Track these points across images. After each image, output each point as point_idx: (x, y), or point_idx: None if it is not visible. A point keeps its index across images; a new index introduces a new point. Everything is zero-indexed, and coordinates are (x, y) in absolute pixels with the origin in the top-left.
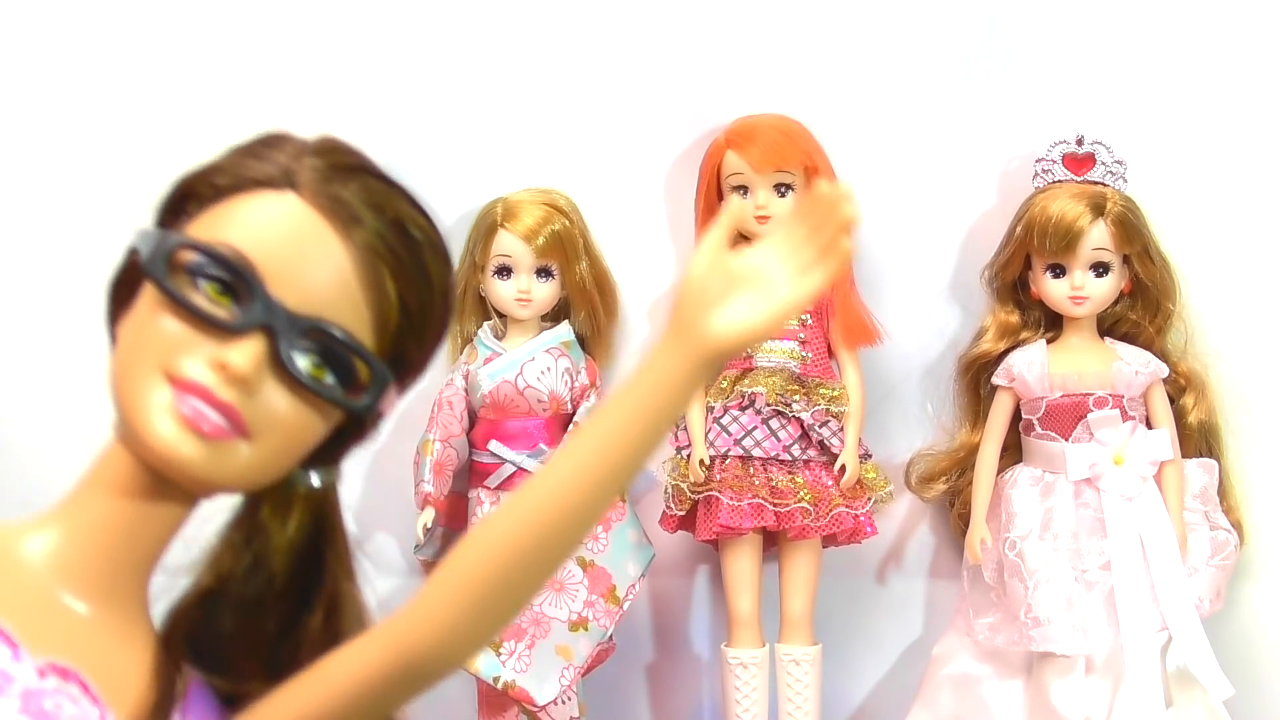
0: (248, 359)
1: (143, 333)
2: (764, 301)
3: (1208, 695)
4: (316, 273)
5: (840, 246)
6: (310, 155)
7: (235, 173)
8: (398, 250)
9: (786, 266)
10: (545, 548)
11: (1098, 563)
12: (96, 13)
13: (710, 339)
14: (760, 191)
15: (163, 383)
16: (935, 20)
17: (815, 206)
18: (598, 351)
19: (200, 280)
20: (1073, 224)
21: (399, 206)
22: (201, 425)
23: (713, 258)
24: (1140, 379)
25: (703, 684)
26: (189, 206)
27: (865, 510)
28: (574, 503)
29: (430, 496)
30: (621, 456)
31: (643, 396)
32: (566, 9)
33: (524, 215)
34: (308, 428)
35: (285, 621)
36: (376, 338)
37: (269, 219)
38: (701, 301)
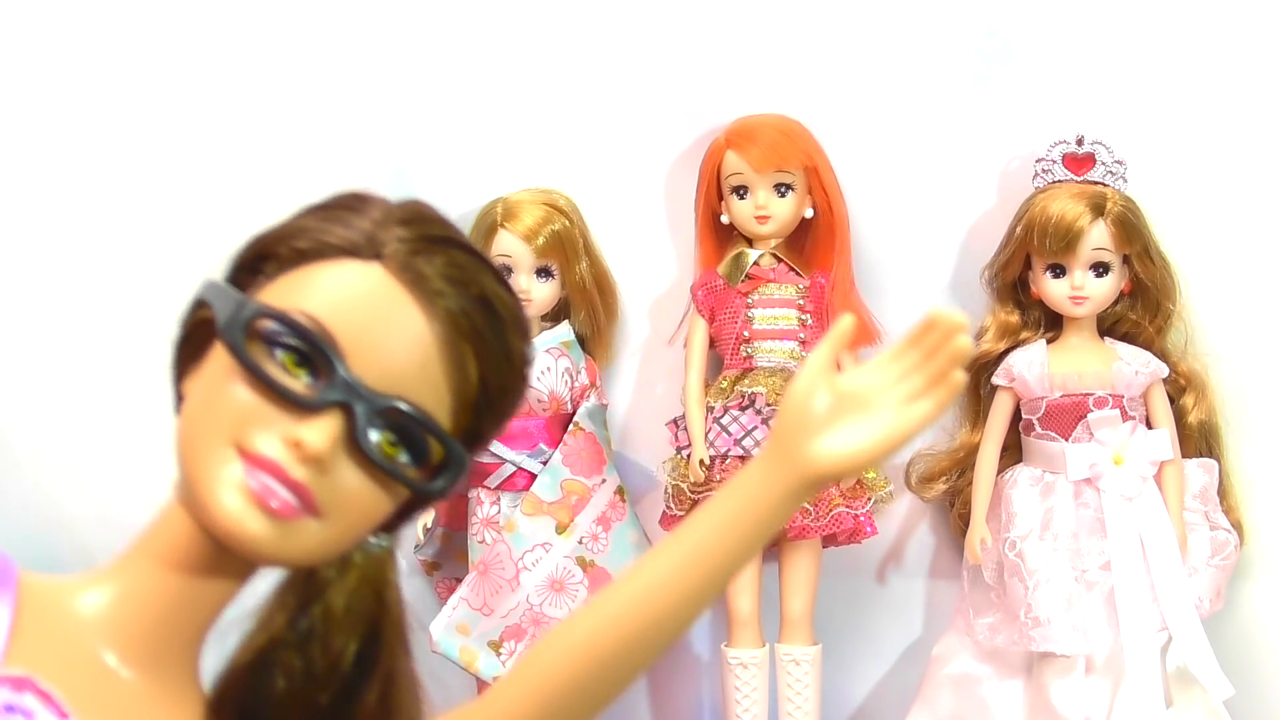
0: (324, 438)
1: (214, 400)
2: (869, 430)
3: (1208, 695)
4: (398, 349)
5: (952, 379)
6: (397, 224)
7: (318, 238)
8: (481, 329)
9: (893, 393)
10: (624, 656)
11: (1098, 563)
12: (96, 12)
13: (811, 465)
14: (760, 191)
15: (233, 456)
16: (935, 20)
17: (929, 333)
18: (598, 351)
19: (277, 350)
20: (1073, 224)
21: (484, 282)
22: (271, 502)
23: (818, 376)
24: (1140, 379)
25: (703, 684)
26: (266, 267)
27: (865, 510)
28: (657, 613)
29: None
30: (709, 570)
31: (736, 513)
32: (566, 9)
33: (524, 215)
34: (378, 506)
35: (339, 696)
36: (454, 417)
37: (352, 290)
38: (805, 424)
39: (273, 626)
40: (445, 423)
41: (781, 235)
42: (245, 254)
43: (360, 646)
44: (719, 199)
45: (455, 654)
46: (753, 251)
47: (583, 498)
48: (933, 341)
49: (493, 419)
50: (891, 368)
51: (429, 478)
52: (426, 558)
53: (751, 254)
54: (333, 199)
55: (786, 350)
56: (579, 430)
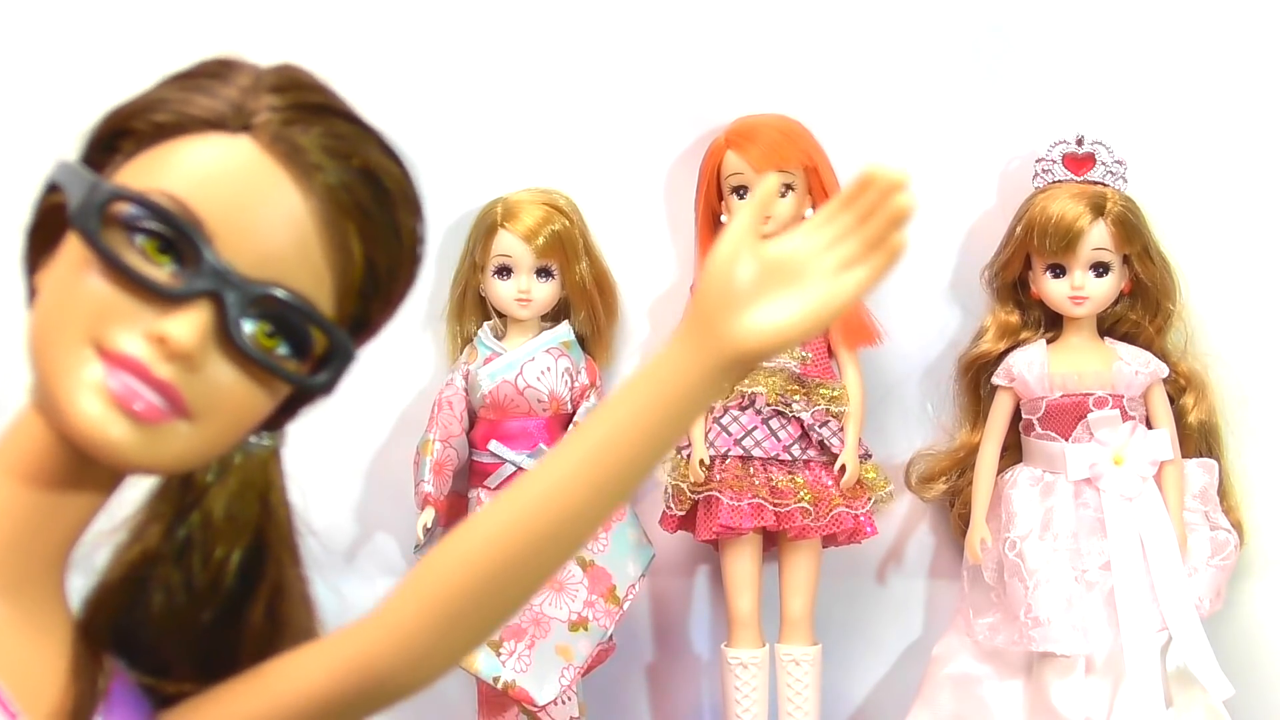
0: (191, 332)
1: (68, 293)
2: (798, 302)
3: (1208, 695)
4: (271, 230)
5: (891, 241)
6: (268, 92)
7: (179, 109)
8: (365, 204)
9: (826, 259)
10: (532, 556)
11: (1098, 563)
12: (96, 12)
13: (734, 341)
14: None
15: (91, 355)
16: (935, 20)
17: (865, 191)
18: (598, 351)
19: (136, 235)
20: (1073, 224)
21: (368, 153)
22: (134, 405)
23: (743, 242)
24: (1140, 379)
25: (703, 684)
26: (124, 145)
27: (865, 510)
28: (566, 508)
29: (430, 496)
30: (622, 460)
31: (650, 395)
32: (566, 9)
33: (524, 215)
34: (255, 404)
35: (222, 611)
36: (337, 302)
37: (218, 167)
38: (728, 296)
39: (146, 539)
40: (328, 309)
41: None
42: (100, 130)
43: (244, 556)
44: (719, 199)
45: None
46: None
47: None
48: (869, 201)
49: (382, 304)
50: (823, 232)
51: (312, 370)
52: None
53: None
54: (196, 66)
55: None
56: None
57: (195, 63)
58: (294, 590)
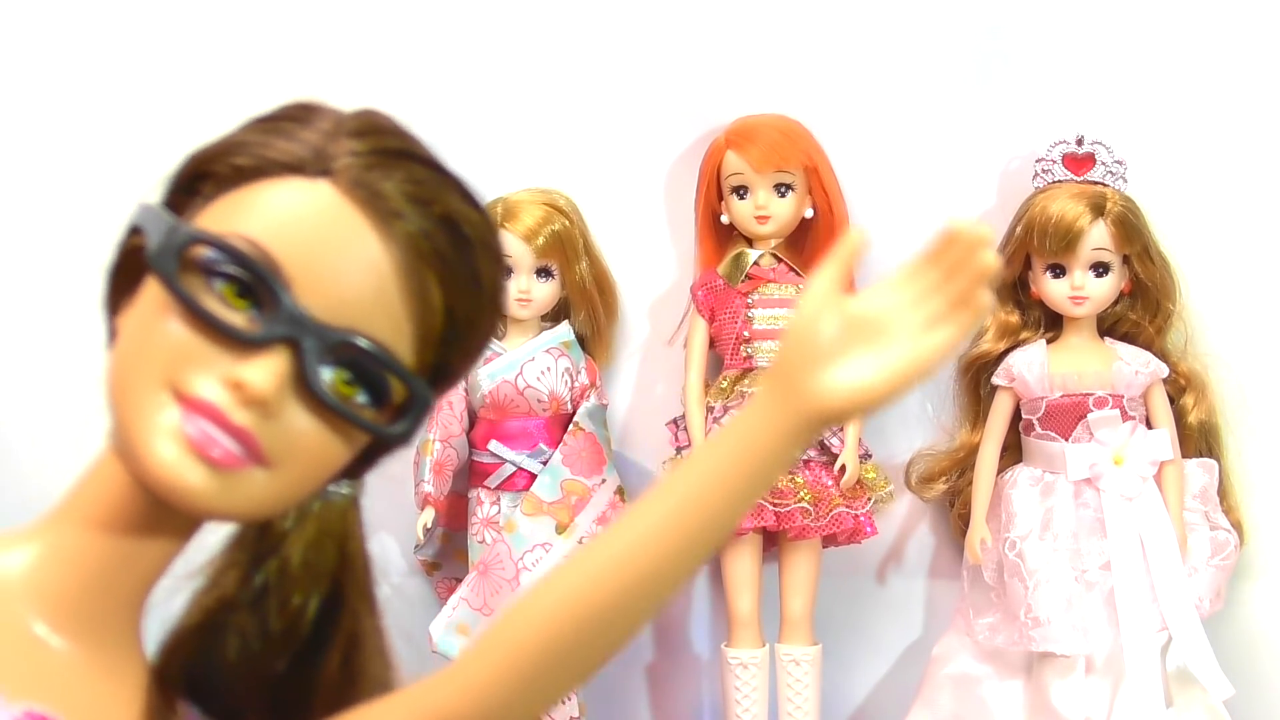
0: (269, 378)
1: (147, 337)
2: (884, 360)
3: (1208, 695)
4: (350, 277)
5: (977, 300)
6: (348, 136)
7: (259, 153)
8: (445, 252)
9: (911, 317)
10: (611, 615)
11: (1098, 563)
12: (98, 12)
13: (818, 400)
14: (760, 191)
15: (169, 400)
16: (935, 20)
17: (949, 249)
18: (598, 351)
19: (215, 280)
20: (1073, 224)
21: (449, 200)
22: (211, 451)
23: (826, 299)
24: (1140, 379)
25: (703, 684)
26: (204, 188)
27: (865, 510)
28: (647, 566)
29: (430, 496)
30: (704, 520)
31: (734, 454)
32: (566, 9)
33: (524, 215)
34: (333, 453)
35: (297, 660)
36: (417, 350)
37: (298, 212)
38: (812, 353)
39: (223, 585)
40: (407, 358)
41: (781, 235)
42: (181, 173)
43: (321, 604)
44: (719, 199)
45: (455, 654)
46: (753, 251)
47: (583, 498)
48: (954, 258)
49: (461, 353)
50: (907, 288)
51: (390, 420)
52: (426, 558)
53: (751, 254)
54: (278, 109)
55: None
56: (579, 430)
57: (277, 106)
58: (370, 641)
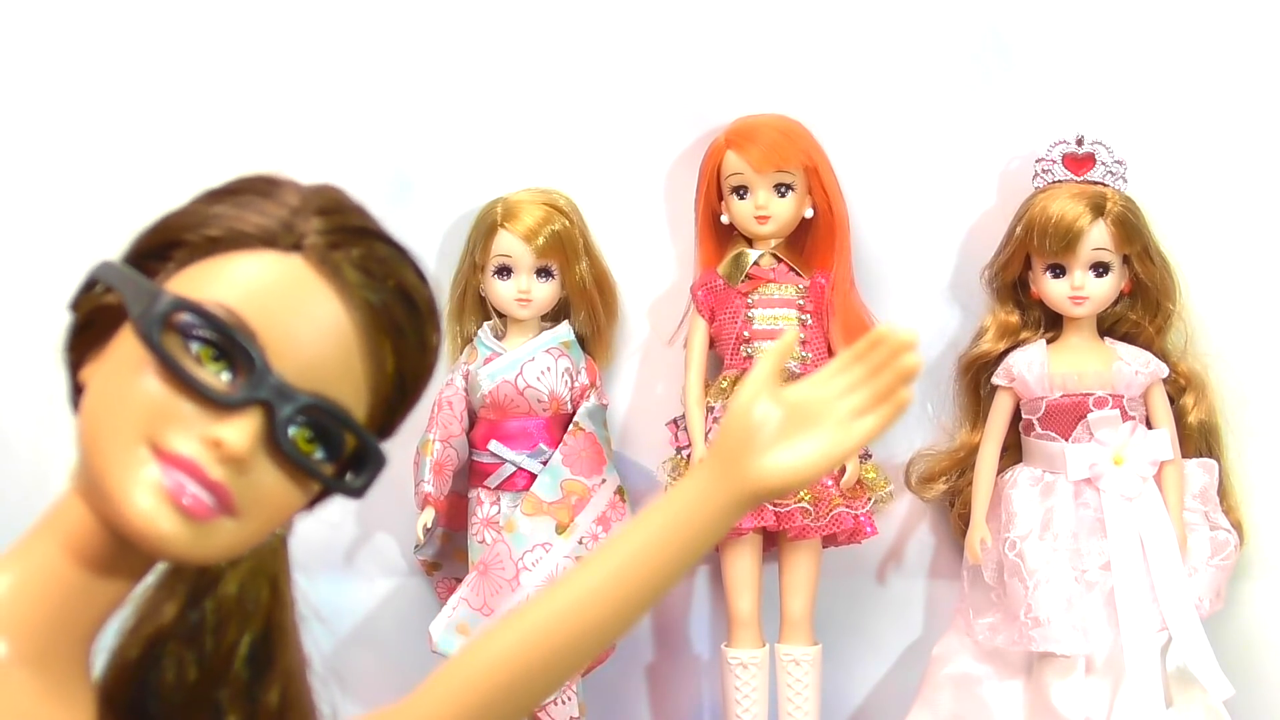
0: (245, 438)
1: (125, 393)
2: (813, 446)
3: (1208, 695)
4: (319, 345)
5: (899, 395)
6: (315, 214)
7: (233, 226)
8: (400, 322)
9: (839, 407)
10: (550, 669)
11: (1098, 563)
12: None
13: (755, 480)
14: (760, 191)
15: (148, 455)
16: (935, 20)
17: (875, 349)
18: (598, 351)
19: (193, 342)
20: (1073, 224)
21: (403, 274)
22: (186, 502)
23: (763, 387)
24: (1140, 379)
25: (703, 684)
26: (176, 254)
27: (865, 510)
28: (586, 626)
29: (430, 496)
30: (641, 584)
31: (672, 525)
32: (566, 9)
33: (524, 215)
34: (293, 503)
35: (236, 692)
36: (369, 411)
37: (272, 283)
38: (750, 437)
39: (161, 617)
40: (361, 417)
41: (781, 235)
42: (150, 238)
43: (254, 639)
44: (719, 199)
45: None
46: (753, 251)
47: (583, 498)
48: (879, 357)
49: (404, 409)
50: (836, 381)
51: (339, 470)
52: (426, 558)
53: (751, 254)
54: (241, 182)
55: None
56: (579, 430)
57: (240, 178)
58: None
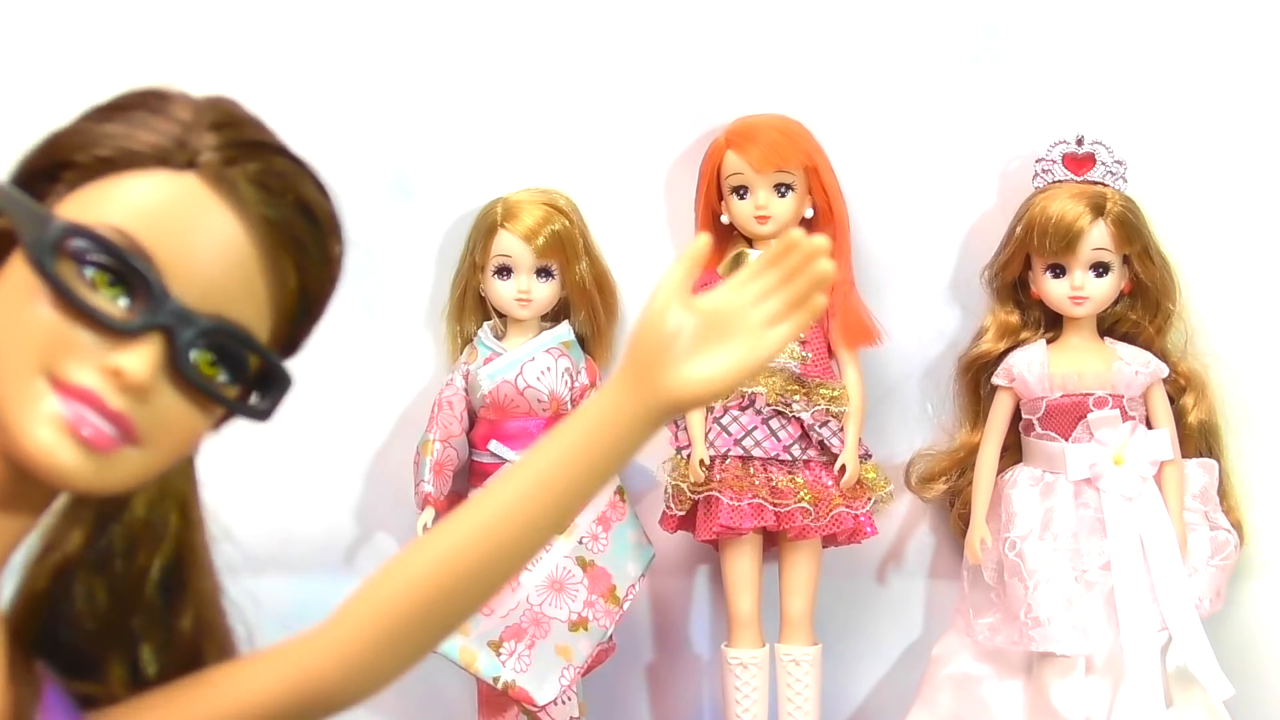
0: (145, 365)
1: (18, 321)
2: (728, 355)
3: (1208, 695)
4: (217, 265)
5: (813, 302)
6: (208, 130)
7: (123, 145)
8: (302, 238)
9: (753, 315)
10: (468, 584)
11: (1098, 563)
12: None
13: (668, 390)
14: (760, 191)
15: (46, 387)
16: (935, 20)
17: (789, 255)
18: (598, 351)
19: (87, 268)
20: (1073, 224)
21: (303, 188)
22: (86, 433)
23: (675, 296)
24: (1140, 379)
25: (703, 684)
26: (66, 175)
27: (865, 510)
28: (502, 540)
29: (430, 496)
30: (554, 498)
31: (583, 438)
32: (566, 9)
33: (524, 215)
34: (198, 429)
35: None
36: (272, 330)
37: (167, 204)
38: (663, 347)
39: (68, 545)
40: (265, 337)
41: (781, 235)
42: (38, 159)
43: (165, 563)
44: (719, 199)
45: (455, 654)
46: (753, 251)
47: None
48: (793, 263)
49: (308, 325)
50: (749, 288)
51: (244, 390)
52: None
53: (751, 254)
54: (130, 96)
55: (786, 350)
56: None
57: (126, 93)
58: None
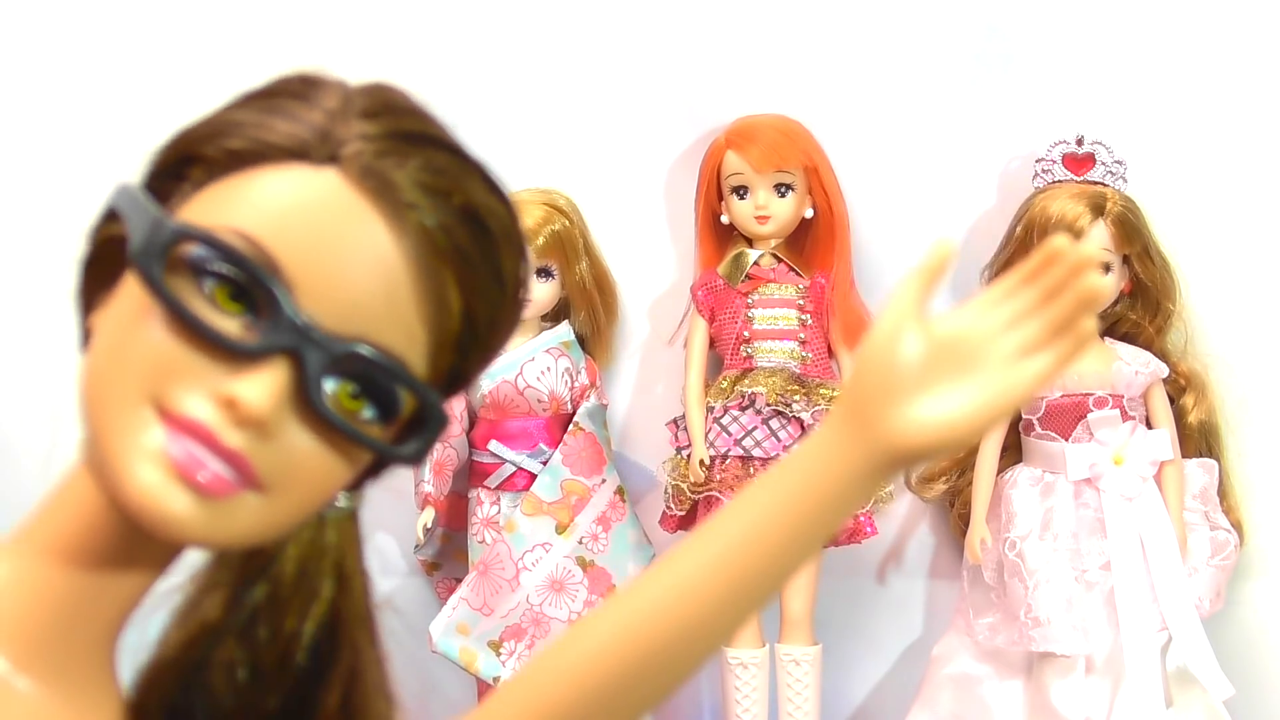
0: (266, 395)
1: (127, 344)
2: (972, 393)
3: (1208, 695)
4: (359, 278)
5: (1080, 327)
6: (358, 118)
7: (257, 135)
8: (465, 248)
9: (1004, 343)
10: (653, 668)
11: (1098, 563)
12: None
13: (898, 436)
14: (760, 191)
15: (152, 417)
16: (936, 20)
17: (1050, 266)
18: (598, 351)
19: (205, 280)
20: (1073, 224)
21: (471, 190)
22: (199, 476)
23: (908, 318)
24: (1140, 379)
25: (703, 684)
26: (192, 173)
27: (865, 510)
28: (689, 616)
29: (430, 496)
30: (758, 563)
31: (795, 491)
32: (566, 9)
33: (524, 215)
34: (334, 475)
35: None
36: (431, 359)
37: (301, 204)
38: (891, 381)
39: (206, 610)
40: (420, 368)
41: (781, 235)
42: (167, 154)
43: (316, 632)
44: (719, 199)
45: (455, 654)
46: (753, 251)
47: (583, 498)
48: (1056, 278)
49: (480, 357)
50: (1000, 310)
51: (398, 434)
52: (426, 558)
53: (751, 254)
54: (277, 83)
55: (786, 350)
56: (579, 430)
57: (275, 79)
58: (371, 675)
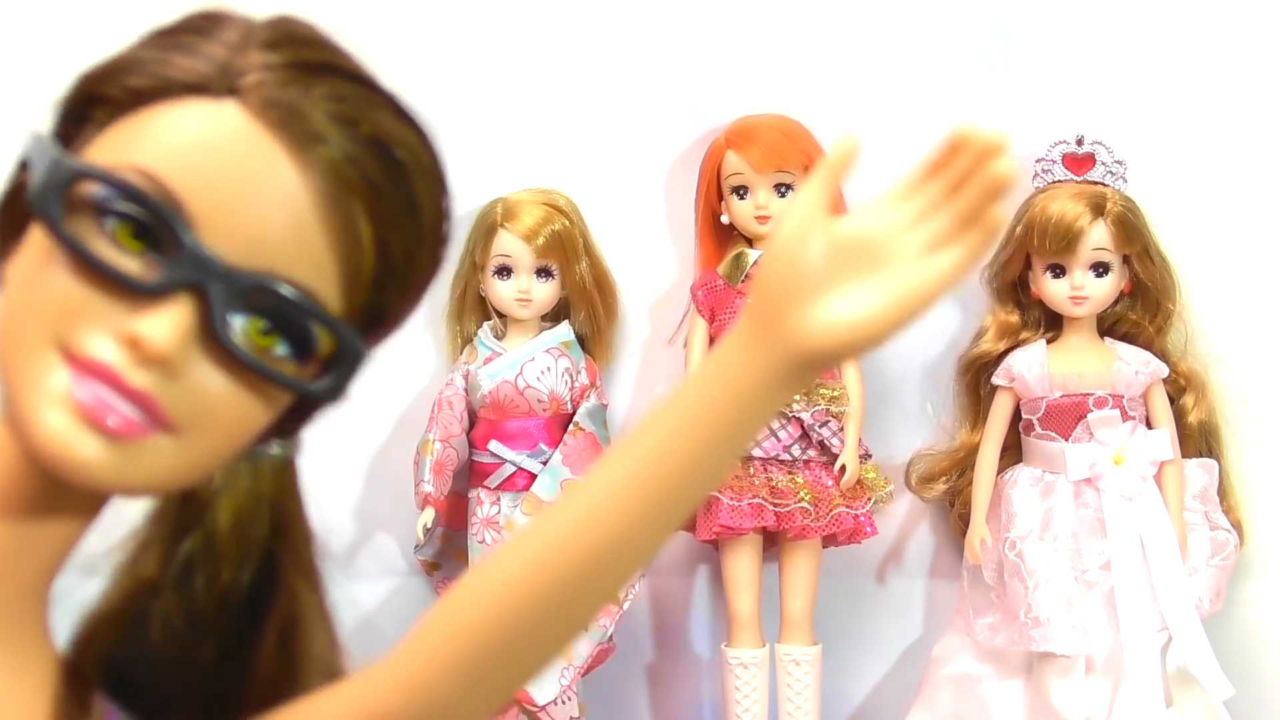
0: (170, 332)
1: (32, 290)
2: (881, 290)
3: (1208, 695)
4: (263, 211)
5: (988, 216)
6: (259, 49)
7: (156, 71)
8: (375, 178)
9: (911, 239)
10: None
11: (1098, 563)
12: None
13: (807, 339)
14: (760, 191)
15: (57, 361)
16: (936, 20)
17: (956, 155)
18: (598, 351)
19: (107, 220)
20: (1073, 224)
21: (378, 118)
22: (105, 418)
23: (812, 218)
24: (1140, 379)
25: (703, 684)
26: (96, 113)
27: (865, 510)
28: (605, 534)
29: (430, 496)
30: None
31: (704, 401)
32: (566, 9)
33: (524, 215)
34: (248, 414)
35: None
36: (345, 292)
37: (201, 138)
38: (797, 283)
39: (142, 565)
40: (333, 302)
41: None
42: (71, 97)
43: (253, 580)
44: (719, 199)
45: None
46: (753, 251)
47: None
48: (962, 167)
49: (400, 293)
50: (907, 204)
51: (318, 373)
52: (426, 558)
53: (751, 254)
54: (179, 20)
55: None
56: (579, 430)
57: (178, 17)
58: (311, 622)
